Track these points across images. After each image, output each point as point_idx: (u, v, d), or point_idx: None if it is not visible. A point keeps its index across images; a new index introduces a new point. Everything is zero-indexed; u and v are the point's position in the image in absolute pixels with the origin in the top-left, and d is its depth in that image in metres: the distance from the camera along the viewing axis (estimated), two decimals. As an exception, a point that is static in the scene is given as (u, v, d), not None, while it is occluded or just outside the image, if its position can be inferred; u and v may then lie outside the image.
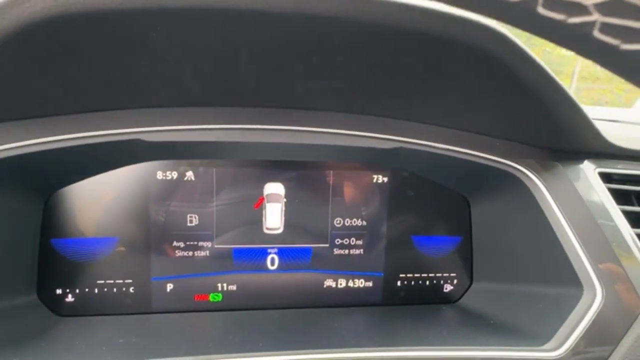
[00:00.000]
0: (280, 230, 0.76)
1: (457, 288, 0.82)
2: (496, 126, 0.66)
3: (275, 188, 0.75)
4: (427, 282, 0.82)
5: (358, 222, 0.78)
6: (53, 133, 0.57)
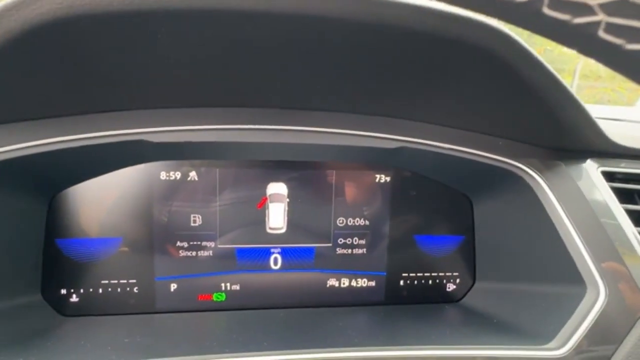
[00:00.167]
0: (283, 230, 0.76)
1: (460, 287, 0.82)
2: (499, 126, 0.66)
3: (278, 188, 0.75)
4: (430, 282, 0.82)
5: (361, 222, 0.78)
6: (57, 134, 0.57)
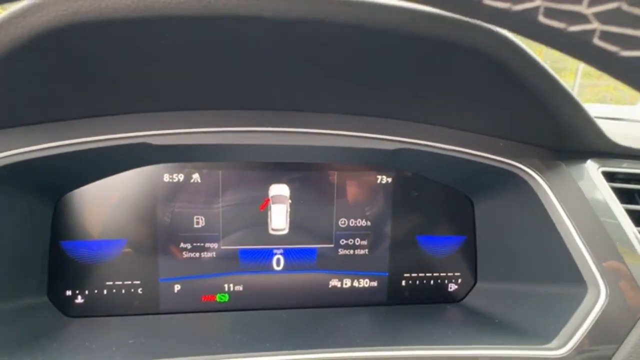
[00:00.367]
0: (285, 231, 0.77)
1: (462, 287, 0.83)
2: (499, 127, 0.66)
3: (280, 189, 0.76)
4: (432, 282, 0.82)
5: (362, 223, 0.79)
6: (62, 137, 0.58)
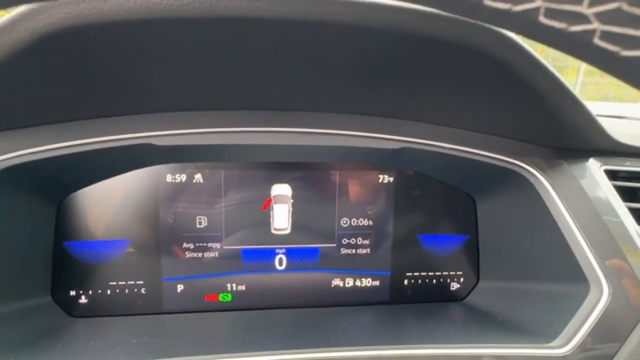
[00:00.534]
0: (287, 230, 0.77)
1: (464, 286, 0.83)
2: (501, 126, 0.66)
3: (282, 189, 0.76)
4: (434, 281, 0.82)
5: (364, 222, 0.79)
6: (65, 139, 0.58)
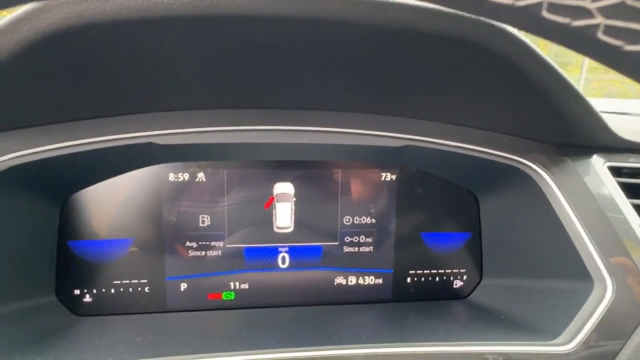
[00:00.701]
0: (290, 229, 0.77)
1: (467, 284, 0.83)
2: (504, 123, 0.66)
3: (284, 188, 0.76)
4: (437, 278, 0.82)
5: (367, 220, 0.79)
6: (69, 138, 0.59)
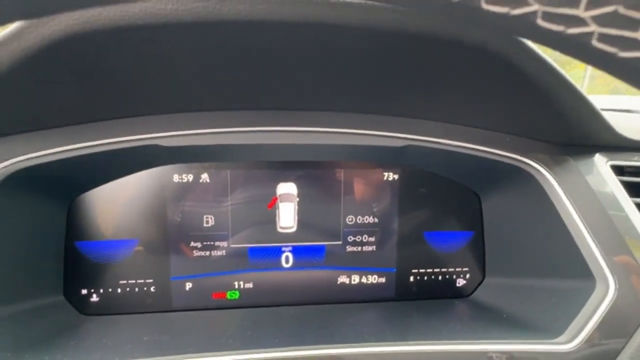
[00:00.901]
0: (293, 229, 0.78)
1: (470, 282, 0.83)
2: (506, 122, 0.66)
3: (287, 188, 0.76)
4: (440, 277, 0.82)
5: (370, 220, 0.79)
6: (74, 141, 0.60)
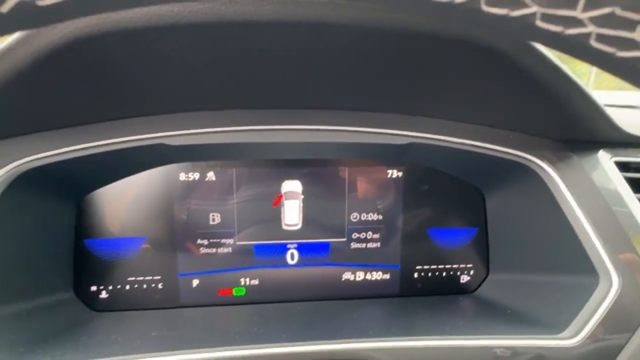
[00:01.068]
0: (298, 226, 0.78)
1: (474, 279, 0.83)
2: (509, 119, 0.66)
3: (292, 186, 0.77)
4: (444, 274, 0.83)
5: (374, 217, 0.80)
6: (83, 141, 0.61)
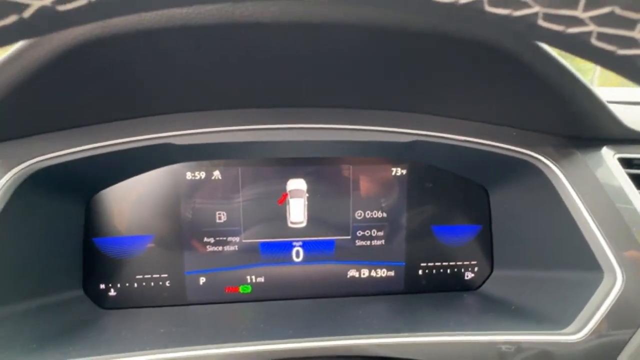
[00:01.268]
0: (304, 224, 0.79)
1: (478, 276, 0.84)
2: (512, 116, 0.67)
3: (297, 184, 0.78)
4: (448, 271, 0.83)
5: (379, 214, 0.81)
6: (92, 141, 0.62)
